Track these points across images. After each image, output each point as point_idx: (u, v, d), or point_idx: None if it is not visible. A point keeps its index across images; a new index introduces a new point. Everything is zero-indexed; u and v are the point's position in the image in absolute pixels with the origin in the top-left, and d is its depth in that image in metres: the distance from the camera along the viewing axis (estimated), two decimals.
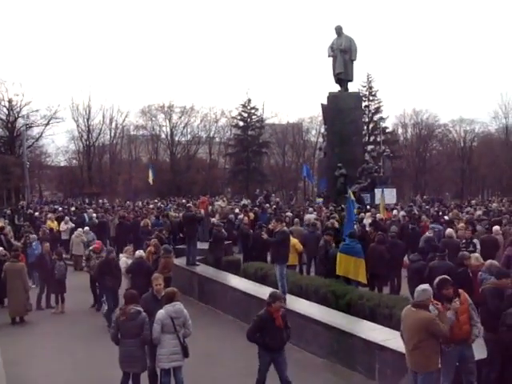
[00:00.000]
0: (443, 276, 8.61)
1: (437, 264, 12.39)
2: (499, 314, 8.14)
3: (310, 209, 27.77)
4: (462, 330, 8.05)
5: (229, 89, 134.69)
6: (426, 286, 8.02)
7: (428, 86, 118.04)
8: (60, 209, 33.89)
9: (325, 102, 39.39)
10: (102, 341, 11.70)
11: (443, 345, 7.86)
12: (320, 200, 35.48)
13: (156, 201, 43.61)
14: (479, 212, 26.68)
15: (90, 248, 17.36)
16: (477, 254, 12.19)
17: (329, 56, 38.81)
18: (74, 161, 70.10)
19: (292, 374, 9.58)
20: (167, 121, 69.91)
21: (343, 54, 38.07)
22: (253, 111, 68.48)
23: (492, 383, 8.11)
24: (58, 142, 67.64)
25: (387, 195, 34.18)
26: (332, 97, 38.67)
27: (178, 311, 8.99)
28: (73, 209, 33.01)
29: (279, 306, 9.19)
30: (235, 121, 70.17)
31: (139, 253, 14.67)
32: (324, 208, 28.34)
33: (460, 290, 8.39)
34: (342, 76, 38.40)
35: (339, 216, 21.63)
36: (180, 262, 17.97)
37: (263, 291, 14.34)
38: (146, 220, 24.08)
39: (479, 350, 8.56)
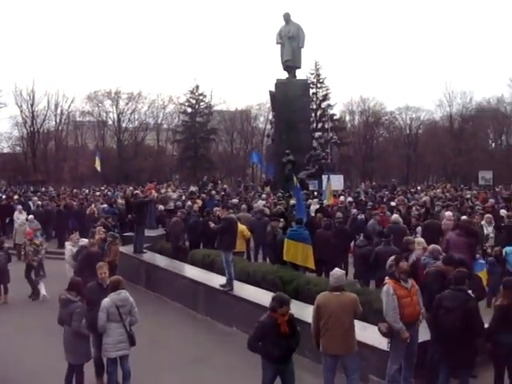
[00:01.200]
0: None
1: (382, 249, 12.61)
2: None
3: (263, 195, 27.92)
4: (415, 311, 8.23)
5: (177, 75, 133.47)
6: (342, 271, 8.47)
7: (375, 74, 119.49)
8: (3, 197, 32.93)
9: (273, 89, 39.39)
10: (48, 331, 11.43)
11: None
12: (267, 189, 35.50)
13: (103, 188, 42.96)
14: (425, 198, 27.20)
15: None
16: (420, 239, 12.38)
17: (277, 43, 38.85)
18: (18, 147, 68.11)
19: (241, 359, 9.63)
20: (114, 107, 68.99)
21: (291, 42, 38.16)
22: (201, 98, 67.88)
23: (436, 364, 8.26)
24: (0, 128, 65.92)
25: (335, 182, 34.43)
26: (280, 84, 38.72)
27: (123, 299, 8.88)
28: (16, 197, 32.10)
29: (286, 311, 7.91)
30: (183, 107, 69.39)
31: (84, 241, 14.43)
32: (272, 194, 28.45)
33: None
34: (290, 63, 38.50)
35: (287, 202, 21.72)
36: (127, 249, 17.76)
37: (210, 278, 14.38)
38: (93, 207, 23.65)
39: (423, 332, 8.75)
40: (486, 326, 8.57)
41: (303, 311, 11.10)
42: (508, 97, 70.09)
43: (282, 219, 16.94)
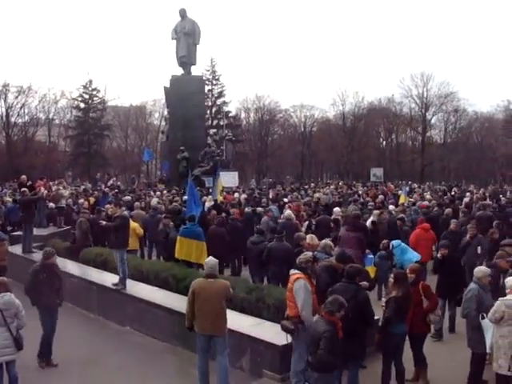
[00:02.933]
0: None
1: (275, 245, 12.80)
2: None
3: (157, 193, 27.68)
4: (315, 306, 8.41)
5: (69, 69, 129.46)
6: (215, 260, 8.92)
7: (270, 73, 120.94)
8: None
9: (168, 85, 39.15)
10: None
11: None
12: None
13: None
14: (317, 194, 27.96)
15: None
16: (312, 235, 12.65)
17: (172, 39, 38.57)
18: None
19: (135, 358, 9.52)
20: (2, 101, 65.69)
21: (187, 38, 38.00)
22: (94, 93, 66.23)
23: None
24: None
25: (229, 178, 34.75)
26: (175, 80, 38.53)
27: (7, 302, 8.52)
28: None
29: (342, 316, 7.41)
30: (76, 102, 67.27)
31: None
32: (166, 192, 28.28)
33: None
34: (185, 59, 38.33)
35: (181, 199, 21.66)
36: (16, 249, 17.11)
37: (103, 277, 14.12)
38: None
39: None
40: (376, 317, 8.99)
41: None
42: (398, 97, 73.05)
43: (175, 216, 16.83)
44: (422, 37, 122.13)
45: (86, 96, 66.12)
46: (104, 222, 13.91)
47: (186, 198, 19.89)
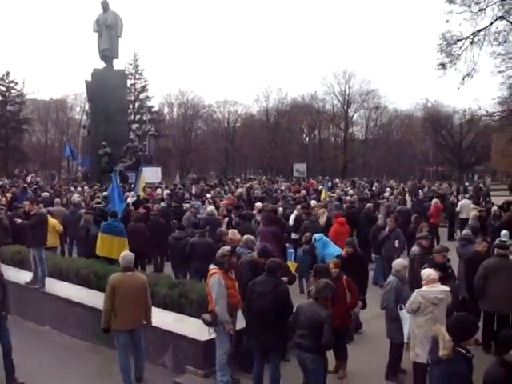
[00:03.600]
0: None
1: (197, 241, 12.77)
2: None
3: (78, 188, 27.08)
4: (238, 301, 8.51)
5: None
6: (132, 254, 9.10)
7: (194, 68, 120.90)
8: None
9: (89, 79, 38.32)
10: None
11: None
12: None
13: None
14: (240, 189, 28.10)
15: None
16: (234, 230, 12.66)
17: (94, 31, 37.84)
18: None
19: (55, 358, 9.30)
20: None
21: (109, 30, 37.33)
22: (12, 85, 64.15)
23: (250, 350, 8.47)
24: None
25: (153, 174, 34.46)
26: (96, 73, 37.75)
27: None
28: None
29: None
30: None
31: None
32: (87, 187, 27.72)
33: None
34: (108, 53, 37.70)
35: (103, 195, 21.29)
36: None
37: (20, 276, 13.69)
38: None
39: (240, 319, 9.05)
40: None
41: None
42: (321, 93, 74.25)
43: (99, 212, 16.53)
44: (344, 35, 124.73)
45: (3, 88, 64.03)
46: (19, 220, 13.51)
47: (105, 193, 19.60)
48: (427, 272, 8.47)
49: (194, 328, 9.36)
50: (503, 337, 5.55)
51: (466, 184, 42.77)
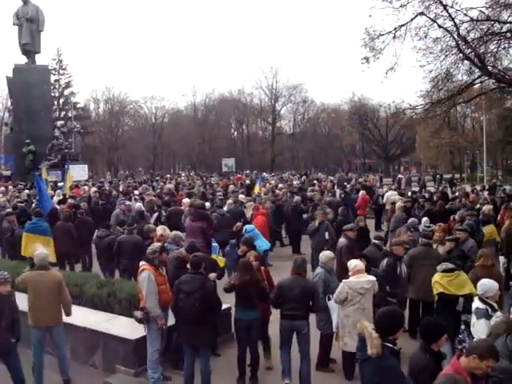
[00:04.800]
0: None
1: (125, 238, 12.61)
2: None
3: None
4: (169, 297, 8.38)
5: None
6: (45, 252, 9.23)
7: (119, 63, 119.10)
8: None
9: (10, 75, 37.21)
10: None
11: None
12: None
13: None
14: (169, 185, 28.01)
15: None
16: (163, 226, 12.56)
17: (14, 24, 36.74)
18: None
19: None
20: None
21: (30, 24, 36.38)
22: None
23: (180, 347, 8.51)
24: None
25: (79, 172, 33.86)
26: (18, 69, 36.73)
27: None
28: None
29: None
30: None
31: None
32: (11, 187, 26.96)
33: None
34: (29, 47, 36.76)
35: (26, 194, 20.80)
36: None
37: None
38: None
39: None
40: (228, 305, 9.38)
41: None
42: (248, 88, 74.76)
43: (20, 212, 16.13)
44: (271, 30, 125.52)
45: None
46: None
47: (27, 192, 19.13)
48: (354, 263, 8.63)
49: (123, 327, 9.26)
50: (426, 324, 5.76)
51: (400, 176, 43.94)
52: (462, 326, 8.13)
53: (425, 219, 14.73)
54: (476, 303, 7.25)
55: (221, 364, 9.07)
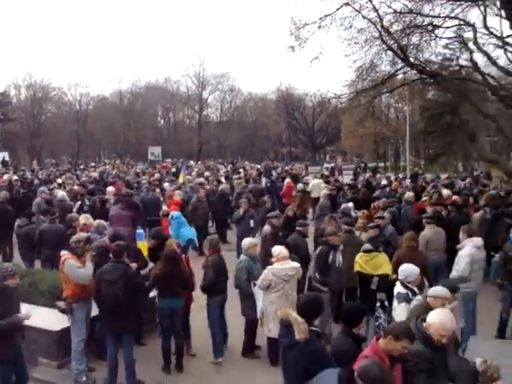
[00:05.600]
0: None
1: (47, 227, 12.39)
2: None
3: None
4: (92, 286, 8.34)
5: None
6: None
7: (42, 49, 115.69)
8: None
9: None
10: None
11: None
12: None
13: None
14: (94, 174, 27.70)
15: None
16: (87, 215, 12.42)
17: None
18: None
19: None
20: None
21: None
22: None
23: (103, 337, 8.44)
24: None
25: None
26: None
27: None
28: None
29: None
30: None
31: None
32: None
33: None
34: None
35: None
36: None
37: None
38: None
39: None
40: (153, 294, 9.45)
41: None
42: (175, 76, 74.33)
43: None
44: (198, 18, 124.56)
45: None
46: None
47: None
48: (278, 249, 8.78)
49: (45, 318, 9.04)
50: (348, 309, 5.99)
51: (328, 165, 44.69)
52: (378, 304, 8.49)
53: (350, 205, 15.14)
54: (397, 288, 7.55)
55: (146, 353, 9.14)
